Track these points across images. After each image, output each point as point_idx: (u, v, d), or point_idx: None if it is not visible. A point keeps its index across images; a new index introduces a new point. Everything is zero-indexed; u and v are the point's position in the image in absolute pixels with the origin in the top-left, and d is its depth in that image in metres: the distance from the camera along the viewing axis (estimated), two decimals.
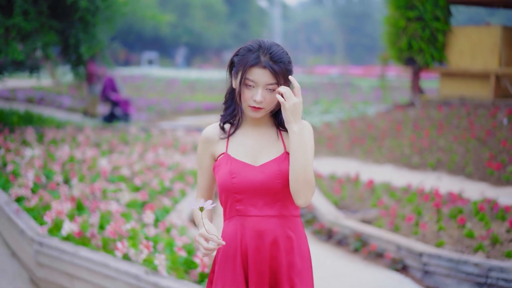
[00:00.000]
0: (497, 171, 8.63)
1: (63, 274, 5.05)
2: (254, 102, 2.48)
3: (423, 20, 13.13)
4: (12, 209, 6.02)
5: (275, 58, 2.46)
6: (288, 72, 2.49)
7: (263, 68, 2.45)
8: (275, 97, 2.48)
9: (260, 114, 2.52)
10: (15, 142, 9.30)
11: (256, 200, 2.52)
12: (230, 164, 2.54)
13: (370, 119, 13.34)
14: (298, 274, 2.55)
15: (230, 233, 2.57)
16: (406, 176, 9.16)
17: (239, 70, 2.51)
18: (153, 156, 8.70)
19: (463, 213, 6.27)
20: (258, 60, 2.46)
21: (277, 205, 2.53)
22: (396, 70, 28.66)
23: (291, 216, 2.57)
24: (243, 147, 2.58)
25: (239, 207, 2.54)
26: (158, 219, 5.73)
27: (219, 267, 2.57)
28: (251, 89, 2.48)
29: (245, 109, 2.54)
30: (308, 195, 2.46)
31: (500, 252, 5.25)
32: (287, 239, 2.53)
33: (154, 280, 4.29)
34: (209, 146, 2.64)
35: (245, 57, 2.49)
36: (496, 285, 4.89)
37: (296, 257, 2.55)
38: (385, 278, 5.41)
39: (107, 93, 14.56)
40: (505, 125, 10.26)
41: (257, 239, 2.51)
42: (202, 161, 2.67)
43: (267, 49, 2.47)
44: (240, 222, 2.54)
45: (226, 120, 2.64)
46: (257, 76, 2.46)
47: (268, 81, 2.45)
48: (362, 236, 6.17)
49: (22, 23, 9.57)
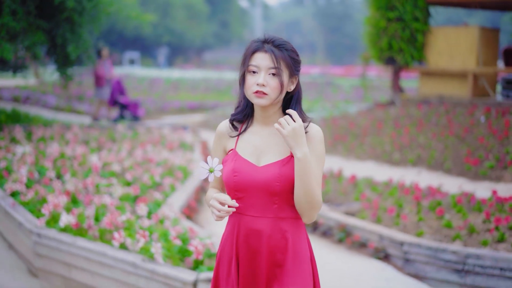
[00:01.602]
0: (474, 167, 8.96)
1: (61, 264, 5.26)
2: (257, 87, 2.52)
3: (403, 21, 13.46)
4: (8, 203, 6.21)
5: (276, 44, 2.54)
6: (292, 61, 2.55)
7: (264, 53, 2.52)
8: (278, 83, 2.52)
9: (265, 101, 2.54)
10: (4, 140, 9.46)
11: (255, 200, 2.56)
12: (234, 162, 2.59)
13: (352, 117, 13.64)
14: (291, 275, 2.55)
15: (228, 231, 2.65)
16: (387, 172, 9.47)
17: (244, 59, 2.58)
18: (142, 153, 8.90)
19: (442, 206, 6.58)
20: (260, 45, 2.55)
21: (274, 207, 2.55)
22: (376, 70, 29.03)
23: (289, 218, 2.58)
24: (250, 146, 2.61)
25: (240, 205, 2.58)
26: (151, 212, 5.96)
27: (219, 265, 2.68)
28: (254, 75, 2.53)
29: (250, 98, 2.57)
30: (312, 215, 2.53)
31: (476, 241, 5.55)
32: (281, 240, 2.55)
33: (151, 267, 4.53)
34: (222, 140, 2.70)
35: (249, 47, 2.58)
36: (472, 271, 5.18)
37: (289, 258, 2.55)
38: (368, 266, 5.70)
39: (116, 96, 14.73)
40: (482, 123, 10.59)
41: (250, 239, 2.56)
42: (215, 155, 2.72)
43: (270, 38, 2.56)
44: (237, 221, 2.59)
45: (236, 119, 2.68)
46: (259, 60, 2.52)
47: (270, 64, 2.51)
48: (346, 227, 6.45)
49: (11, 23, 9.72)
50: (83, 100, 18.51)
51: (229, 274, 2.63)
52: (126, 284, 4.74)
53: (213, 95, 23.96)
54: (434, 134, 10.76)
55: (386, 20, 13.56)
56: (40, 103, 17.50)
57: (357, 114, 13.87)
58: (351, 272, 5.53)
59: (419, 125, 11.43)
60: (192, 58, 53.98)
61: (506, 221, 5.69)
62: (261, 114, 2.63)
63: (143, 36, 46.52)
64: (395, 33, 13.49)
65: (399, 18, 13.49)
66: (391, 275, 5.50)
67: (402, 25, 13.45)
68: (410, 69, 14.18)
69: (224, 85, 27.16)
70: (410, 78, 27.88)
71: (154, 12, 40.80)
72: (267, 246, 2.55)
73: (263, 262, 2.56)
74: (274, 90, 2.52)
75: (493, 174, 8.63)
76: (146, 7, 43.66)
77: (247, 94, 2.58)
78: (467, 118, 11.06)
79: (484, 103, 11.79)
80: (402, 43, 13.48)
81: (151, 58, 50.00)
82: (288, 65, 2.54)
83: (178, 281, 4.34)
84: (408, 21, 13.40)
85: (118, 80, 14.92)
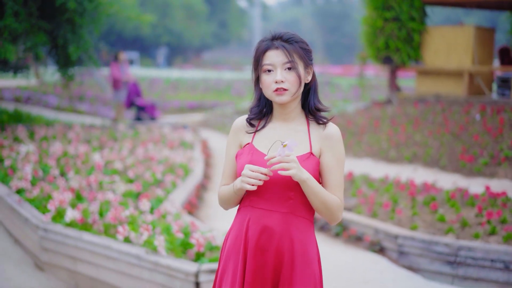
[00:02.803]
0: (469, 163, 9.15)
1: (67, 257, 5.44)
2: (276, 84, 2.53)
3: (400, 21, 13.64)
4: (14, 200, 6.39)
5: (285, 38, 2.55)
6: (304, 51, 2.57)
7: (276, 49, 2.54)
8: (296, 76, 2.54)
9: (286, 97, 2.55)
10: (8, 139, 9.63)
11: (270, 194, 2.55)
12: (251, 155, 2.59)
13: (350, 115, 13.83)
14: (299, 276, 2.55)
15: (238, 223, 2.64)
16: (383, 169, 9.66)
17: (256, 60, 2.59)
18: (143, 151, 9.09)
19: (436, 201, 6.77)
20: (271, 43, 2.56)
21: (288, 202, 2.55)
22: (374, 69, 29.19)
23: (301, 217, 2.58)
24: (267, 141, 2.61)
25: (253, 198, 2.59)
26: (153, 207, 6.14)
27: (226, 257, 2.67)
28: (270, 74, 2.54)
29: (271, 97, 2.58)
30: (336, 217, 2.57)
31: (469, 234, 5.74)
32: (290, 239, 2.55)
33: (155, 259, 4.71)
34: (239, 135, 2.70)
35: (259, 47, 2.59)
36: (464, 263, 5.37)
37: (297, 259, 2.56)
38: (364, 259, 5.89)
39: (132, 98, 14.95)
40: (477, 121, 10.78)
41: (260, 234, 2.56)
42: (230, 149, 2.72)
43: (278, 34, 2.57)
44: (248, 213, 2.60)
45: (254, 117, 2.69)
46: (272, 58, 2.54)
47: (284, 59, 2.53)
48: (342, 222, 6.65)
49: (14, 24, 9.89)
50: (83, 100, 18.68)
51: (235, 269, 2.62)
52: (130, 276, 4.93)
53: (212, 95, 24.15)
54: (430, 132, 10.94)
55: (383, 20, 13.75)
56: (41, 103, 17.69)
57: (354, 113, 14.06)
58: (347, 264, 5.72)
59: (415, 123, 11.61)
60: (191, 58, 54.16)
61: (498, 215, 5.88)
62: (281, 111, 2.63)
63: (142, 37, 46.72)
64: (391, 32, 13.67)
65: (395, 18, 13.67)
66: (386, 266, 5.69)
67: (398, 25, 13.64)
68: (406, 68, 14.37)
69: (223, 85, 27.34)
70: (408, 77, 28.07)
71: (153, 12, 40.99)
72: (276, 243, 2.54)
73: (271, 258, 2.55)
74: (294, 84, 2.54)
75: (487, 171, 8.81)
76: (145, 7, 43.86)
77: (267, 94, 2.58)
78: (462, 116, 11.24)
79: (479, 101, 11.97)
80: (398, 42, 13.66)
81: (150, 58, 50.17)
82: (301, 56, 2.56)
83: (180, 272, 4.52)
84: (404, 21, 13.58)
85: (134, 82, 15.17)
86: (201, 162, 9.46)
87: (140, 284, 4.85)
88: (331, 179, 2.58)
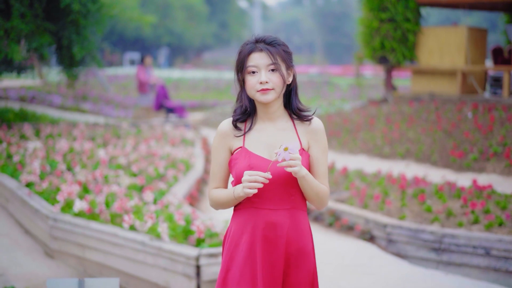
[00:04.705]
0: (459, 159, 9.51)
1: (76, 245, 5.81)
2: (260, 85, 2.64)
3: (395, 21, 14.00)
4: (24, 192, 6.77)
5: (268, 41, 2.69)
6: (285, 54, 2.70)
7: (260, 52, 2.66)
8: (279, 77, 2.67)
9: (270, 96, 2.67)
10: (15, 136, 9.99)
11: (272, 193, 2.67)
12: (249, 158, 2.67)
13: (346, 114, 14.19)
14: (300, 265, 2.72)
15: (240, 223, 2.74)
16: (377, 164, 10.02)
17: (240, 62, 2.70)
18: (146, 148, 9.45)
19: (425, 193, 7.13)
20: (254, 46, 2.68)
21: (290, 198, 2.70)
22: (372, 69, 29.58)
23: (301, 209, 2.75)
24: (259, 143, 2.72)
25: (255, 200, 2.68)
26: (156, 199, 6.50)
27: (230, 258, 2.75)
28: (255, 75, 2.67)
29: (255, 97, 2.69)
30: (325, 203, 2.75)
31: (453, 223, 6.10)
32: (296, 231, 2.70)
33: (158, 244, 5.07)
34: (226, 139, 2.78)
35: (243, 50, 2.71)
36: (448, 249, 5.74)
37: (299, 249, 2.72)
38: (354, 246, 6.26)
39: (161, 100, 15.34)
40: (469, 118, 11.13)
41: (270, 231, 2.67)
42: (218, 154, 2.79)
43: (261, 37, 2.71)
44: (253, 214, 2.70)
45: (238, 119, 2.77)
46: (256, 60, 2.66)
47: (268, 61, 2.65)
48: (335, 212, 7.02)
49: (20, 25, 10.24)
50: (87, 100, 19.05)
51: (244, 269, 2.70)
52: (135, 261, 5.29)
53: (213, 94, 24.55)
54: (423, 129, 11.30)
55: (379, 20, 14.10)
56: (45, 102, 18.07)
57: (351, 111, 14.42)
58: (338, 250, 6.09)
59: (409, 121, 11.96)
60: (191, 59, 54.49)
61: (481, 206, 6.24)
62: (265, 111, 2.74)
63: (143, 37, 47.05)
64: (387, 33, 14.03)
65: (391, 19, 14.03)
66: (375, 253, 6.05)
67: (394, 26, 13.99)
68: (402, 68, 14.73)
69: (224, 84, 27.71)
70: (406, 77, 28.42)
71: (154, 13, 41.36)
72: (285, 238, 2.68)
73: (281, 253, 2.68)
74: (278, 84, 2.66)
75: (476, 166, 9.18)
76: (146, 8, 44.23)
77: (251, 94, 2.69)
78: (455, 114, 11.59)
79: (472, 100, 12.32)
80: (394, 42, 14.01)
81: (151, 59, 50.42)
82: (284, 58, 2.69)
83: (182, 257, 4.89)
84: (399, 22, 13.94)
85: (162, 85, 15.57)
86: (201, 158, 9.83)
87: (145, 268, 5.22)
88: (319, 170, 2.75)
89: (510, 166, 8.80)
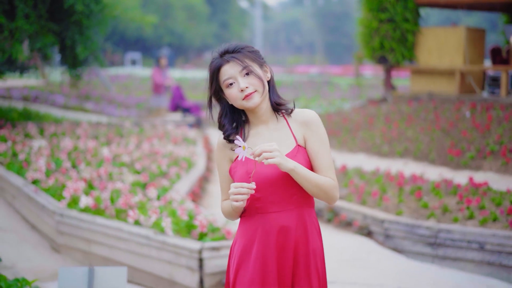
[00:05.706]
0: (456, 157, 9.67)
1: (82, 240, 5.98)
2: (242, 93, 2.63)
3: (394, 22, 14.16)
4: (30, 189, 6.94)
5: (231, 49, 2.67)
6: (253, 54, 2.69)
7: (228, 63, 2.65)
8: (256, 77, 2.65)
9: (257, 98, 2.65)
10: (19, 135, 10.16)
11: (274, 196, 2.63)
12: (246, 165, 2.65)
13: (346, 113, 14.36)
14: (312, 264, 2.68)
15: (248, 229, 2.70)
16: (376, 163, 10.19)
17: (213, 80, 2.71)
18: (149, 146, 9.62)
19: (422, 190, 7.29)
20: (221, 60, 2.67)
21: (293, 198, 2.65)
22: (372, 69, 29.75)
23: (306, 206, 2.70)
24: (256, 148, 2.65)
25: (258, 205, 2.66)
26: (159, 195, 6.67)
27: (238, 265, 2.71)
28: (233, 86, 2.65)
29: (243, 106, 2.67)
30: (334, 195, 2.67)
31: (449, 219, 6.26)
32: (304, 230, 2.67)
33: (162, 239, 5.24)
34: (225, 152, 2.77)
35: (211, 67, 2.71)
36: (443, 244, 5.90)
37: (310, 248, 2.68)
38: (352, 241, 6.43)
39: (177, 101, 15.52)
40: (467, 118, 11.29)
41: (277, 235, 2.64)
42: (222, 167, 2.79)
43: (223, 49, 2.70)
44: (260, 219, 2.66)
45: (230, 133, 2.74)
46: (228, 71, 2.65)
47: (239, 68, 2.64)
48: (334, 208, 7.19)
49: (24, 26, 10.41)
50: (89, 99, 19.23)
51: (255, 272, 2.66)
52: (140, 254, 5.46)
53: None
54: (422, 128, 11.46)
55: (378, 21, 14.26)
56: (48, 102, 18.24)
57: (350, 111, 14.58)
58: (337, 246, 6.25)
59: (408, 120, 12.13)
60: (192, 59, 54.66)
61: (476, 202, 6.41)
62: (256, 116, 2.72)
63: (144, 37, 47.23)
64: (386, 33, 14.19)
65: (390, 19, 14.19)
66: (372, 248, 6.22)
67: (393, 26, 14.16)
68: (401, 67, 14.89)
69: None
70: (405, 77, 28.59)
71: (155, 13, 41.51)
72: (294, 238, 2.65)
73: (290, 256, 2.66)
74: (258, 85, 2.65)
75: (473, 164, 9.34)
76: (147, 8, 44.40)
77: (237, 104, 2.67)
78: (453, 113, 11.75)
79: (470, 99, 12.48)
80: (393, 43, 14.18)
81: (152, 59, 50.63)
82: (252, 58, 2.67)
83: (186, 250, 5.05)
84: (398, 22, 14.10)
85: (177, 86, 15.76)
86: (203, 156, 10.00)
87: (149, 261, 5.39)
88: (320, 162, 2.67)
89: (507, 164, 8.96)
